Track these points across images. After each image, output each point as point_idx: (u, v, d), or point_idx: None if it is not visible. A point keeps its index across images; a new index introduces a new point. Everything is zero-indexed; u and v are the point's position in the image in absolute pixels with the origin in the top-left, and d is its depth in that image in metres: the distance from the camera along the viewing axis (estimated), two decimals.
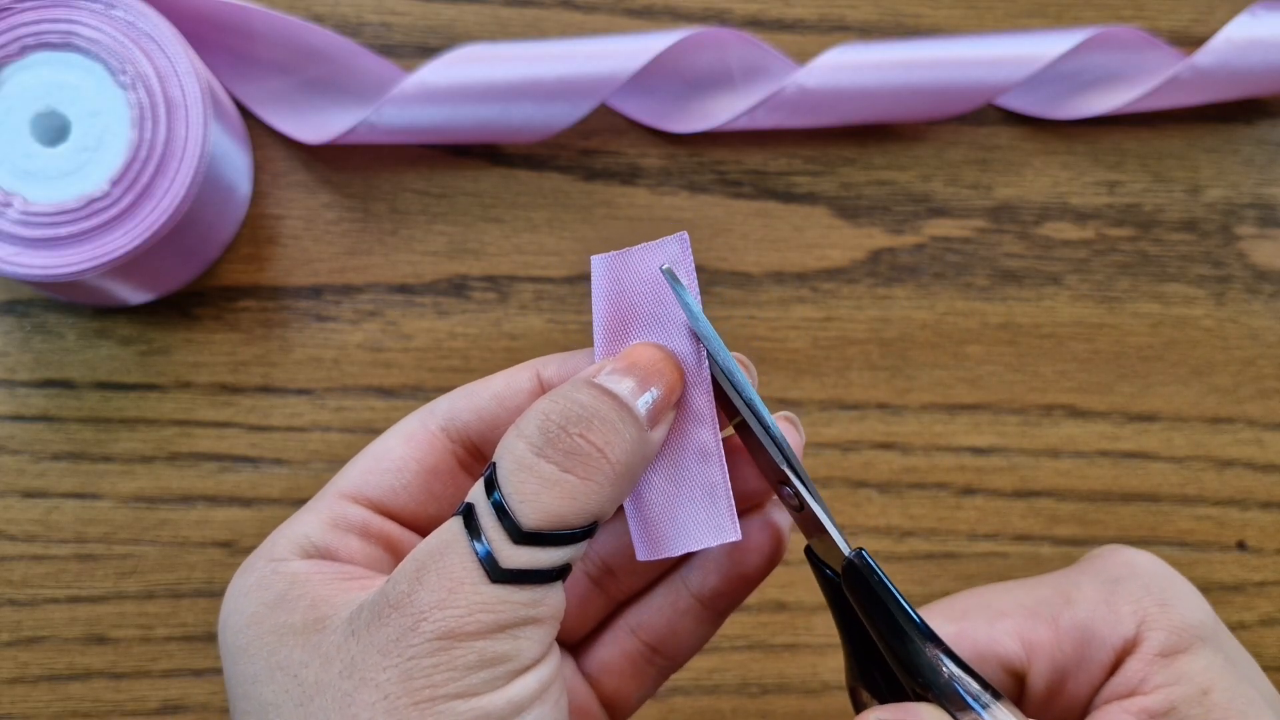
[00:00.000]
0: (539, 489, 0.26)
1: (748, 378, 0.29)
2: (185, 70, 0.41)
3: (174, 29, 0.41)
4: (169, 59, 0.41)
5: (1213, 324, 0.48)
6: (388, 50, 0.47)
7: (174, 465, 0.45)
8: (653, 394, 0.28)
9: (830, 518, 0.30)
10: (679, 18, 0.48)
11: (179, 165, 0.41)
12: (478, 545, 0.26)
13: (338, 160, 0.47)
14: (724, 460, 0.29)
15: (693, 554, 0.31)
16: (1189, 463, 0.48)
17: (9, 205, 0.40)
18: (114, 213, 0.40)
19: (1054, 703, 0.32)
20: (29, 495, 0.45)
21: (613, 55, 0.45)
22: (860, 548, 0.30)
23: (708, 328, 0.29)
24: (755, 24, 0.49)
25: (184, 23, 0.44)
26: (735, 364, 0.29)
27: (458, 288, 0.46)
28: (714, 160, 0.48)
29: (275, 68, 0.46)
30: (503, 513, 0.26)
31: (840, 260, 0.48)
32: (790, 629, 0.46)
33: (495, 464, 0.27)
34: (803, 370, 0.47)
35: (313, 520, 0.30)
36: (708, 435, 0.29)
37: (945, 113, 0.48)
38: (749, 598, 0.46)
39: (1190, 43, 0.49)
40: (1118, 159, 0.49)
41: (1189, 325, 0.48)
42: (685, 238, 0.29)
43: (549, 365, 0.30)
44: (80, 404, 0.45)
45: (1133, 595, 0.31)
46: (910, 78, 0.47)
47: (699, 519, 0.29)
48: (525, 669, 0.26)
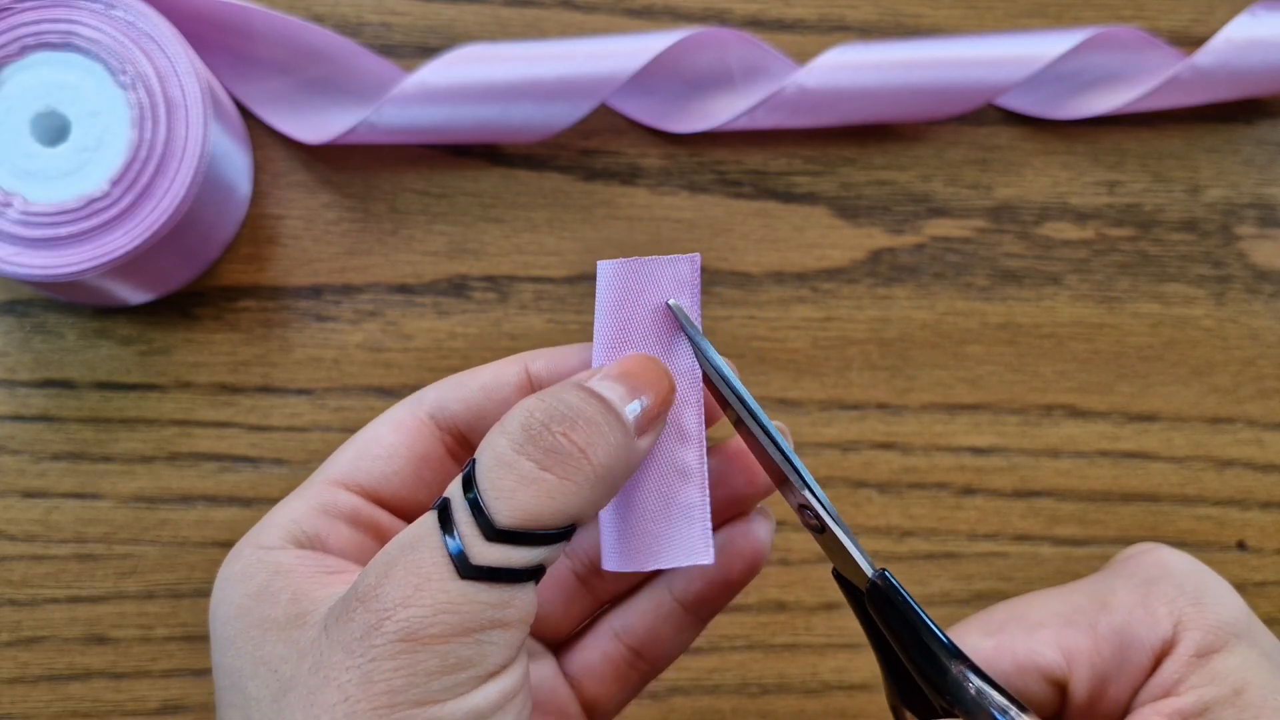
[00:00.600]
0: (515, 486, 0.25)
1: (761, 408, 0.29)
2: (185, 70, 0.41)
3: (174, 29, 0.41)
4: (169, 59, 0.41)
5: (1213, 324, 0.48)
6: (388, 50, 0.47)
7: (174, 465, 0.45)
8: (642, 402, 0.28)
9: (853, 539, 0.30)
10: (679, 18, 0.48)
11: (179, 165, 0.41)
12: (450, 541, 0.25)
13: (338, 160, 0.47)
14: (706, 482, 0.29)
15: None
16: (1189, 463, 0.48)
17: (9, 205, 0.40)
18: (114, 213, 0.40)
19: (1097, 709, 0.31)
20: (29, 495, 0.45)
21: (613, 55, 0.45)
22: (884, 568, 0.30)
23: (714, 355, 0.29)
24: (755, 24, 0.49)
25: (184, 23, 0.44)
26: (747, 391, 0.29)
27: (458, 288, 0.46)
28: (714, 160, 0.48)
29: (275, 68, 0.46)
30: (477, 509, 0.25)
31: (840, 260, 0.48)
32: (790, 629, 0.46)
33: (475, 460, 0.26)
34: (803, 370, 0.47)
35: (302, 506, 0.29)
36: (693, 456, 0.29)
37: (945, 113, 0.48)
38: (749, 598, 0.46)
39: (1190, 43, 0.49)
40: (1118, 159, 0.49)
41: (1189, 325, 0.48)
42: (697, 260, 0.29)
43: (538, 359, 0.30)
44: (80, 404, 0.45)
45: (1167, 596, 0.31)
46: (910, 78, 0.47)
47: (673, 538, 0.29)
48: (490, 675, 0.25)
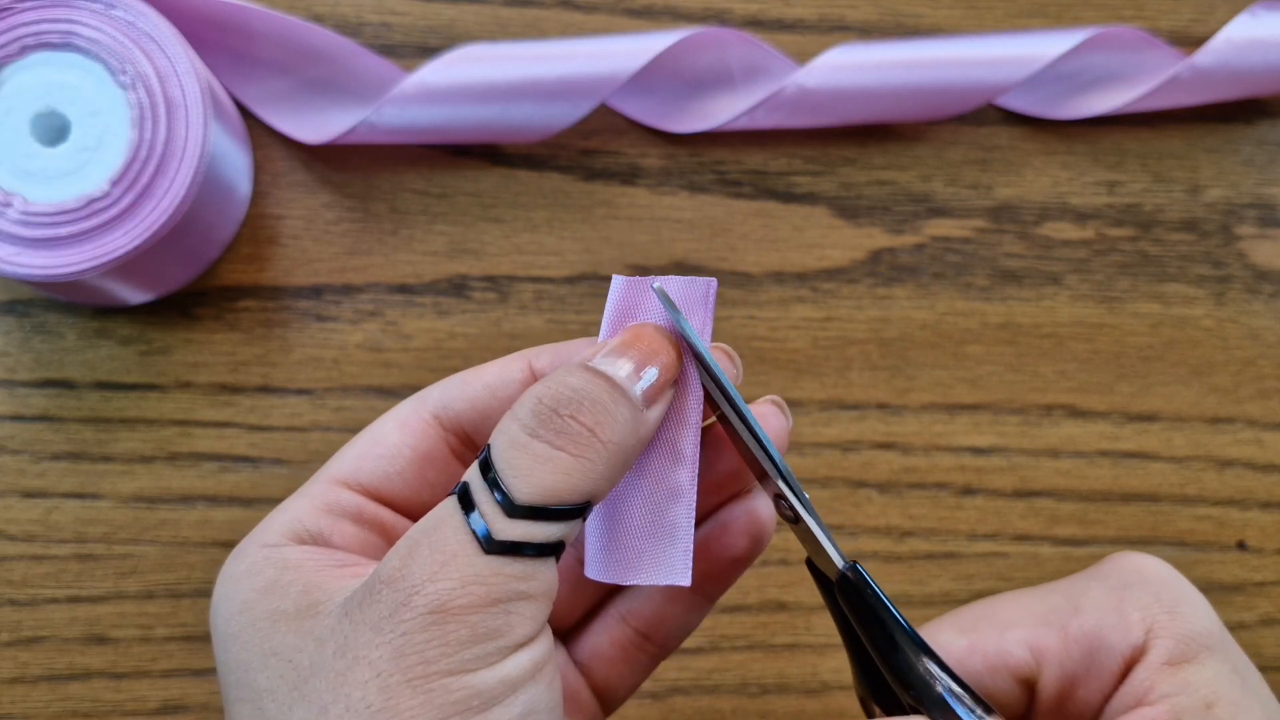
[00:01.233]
0: (533, 465, 0.26)
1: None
2: (185, 70, 0.41)
3: (174, 29, 0.41)
4: (169, 59, 0.41)
5: (1213, 324, 0.48)
6: (388, 50, 0.47)
7: (174, 465, 0.45)
8: (649, 373, 0.28)
9: (825, 531, 0.30)
10: (679, 18, 0.48)
11: (179, 165, 0.41)
12: (472, 519, 0.26)
13: (338, 160, 0.47)
14: (693, 504, 0.29)
15: None
16: (1189, 463, 0.48)
17: (9, 205, 0.40)
18: (114, 213, 0.40)
19: (1065, 709, 0.31)
20: (29, 495, 0.45)
21: (613, 55, 0.45)
22: (854, 561, 0.30)
23: (689, 331, 0.29)
24: (755, 24, 0.49)
25: (184, 23, 0.44)
26: (726, 376, 0.29)
27: (458, 288, 0.46)
28: (714, 160, 0.48)
29: (275, 68, 0.46)
30: (497, 488, 0.26)
31: (840, 260, 0.48)
32: (790, 629, 0.46)
33: (490, 445, 0.27)
34: (803, 370, 0.47)
35: (305, 505, 0.29)
36: (685, 476, 0.29)
37: (945, 113, 0.48)
38: (749, 598, 0.46)
39: (1190, 43, 0.49)
40: (1118, 159, 0.49)
41: (1189, 325, 0.48)
42: (714, 284, 0.29)
43: (541, 356, 0.30)
44: (80, 404, 0.45)
45: (1141, 602, 0.31)
46: (910, 78, 0.47)
47: (655, 555, 0.29)
48: (519, 646, 0.26)
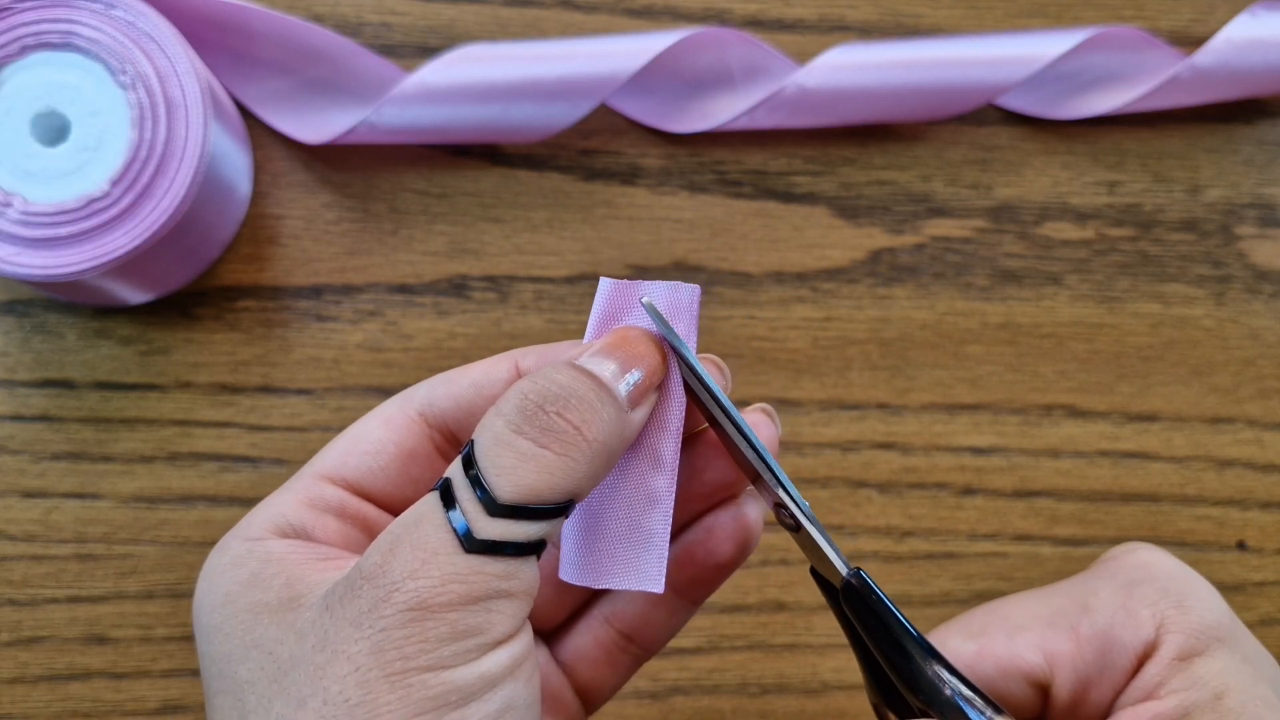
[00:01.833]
0: (515, 463, 0.26)
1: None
2: (185, 70, 0.41)
3: (174, 29, 0.41)
4: (169, 59, 0.41)
5: (1213, 324, 0.48)
6: (388, 50, 0.47)
7: (174, 465, 0.45)
8: (634, 375, 0.28)
9: (827, 538, 0.29)
10: (679, 18, 0.48)
11: (179, 165, 0.41)
12: (453, 517, 0.26)
13: (338, 160, 0.47)
14: (670, 512, 0.29)
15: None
16: (1189, 463, 0.48)
17: (9, 205, 0.40)
18: (114, 213, 0.40)
19: (1079, 711, 0.31)
20: (29, 495, 0.45)
21: (613, 55, 0.45)
22: (858, 567, 0.29)
23: (682, 346, 0.29)
24: (755, 24, 0.49)
25: (184, 23, 0.44)
26: (719, 388, 0.29)
27: (458, 288, 0.46)
28: (714, 160, 0.48)
29: (275, 68, 0.46)
30: (479, 486, 0.26)
31: (840, 260, 0.48)
32: (790, 629, 0.46)
33: (473, 441, 0.27)
34: (803, 370, 0.47)
35: (289, 500, 0.30)
36: (663, 483, 0.29)
37: (945, 113, 0.48)
38: (749, 598, 0.46)
39: (1190, 43, 0.49)
40: (1118, 159, 0.49)
41: (1189, 325, 0.48)
42: (698, 291, 0.29)
43: (528, 356, 0.30)
44: (80, 404, 0.45)
45: (1150, 598, 0.31)
46: (910, 78, 0.47)
47: (629, 560, 0.29)
48: (498, 643, 0.26)
